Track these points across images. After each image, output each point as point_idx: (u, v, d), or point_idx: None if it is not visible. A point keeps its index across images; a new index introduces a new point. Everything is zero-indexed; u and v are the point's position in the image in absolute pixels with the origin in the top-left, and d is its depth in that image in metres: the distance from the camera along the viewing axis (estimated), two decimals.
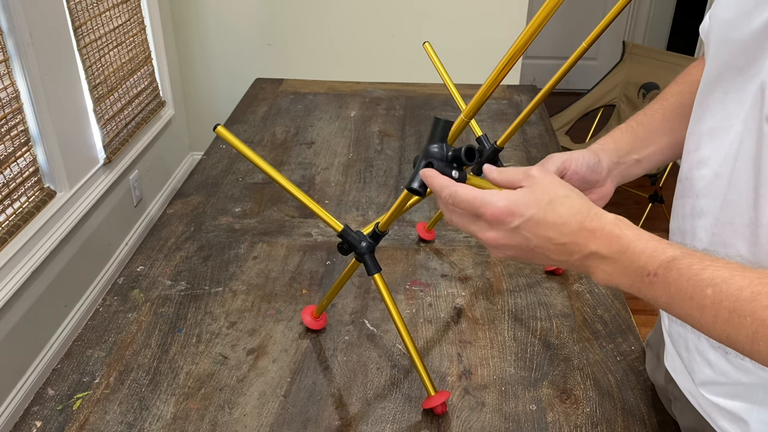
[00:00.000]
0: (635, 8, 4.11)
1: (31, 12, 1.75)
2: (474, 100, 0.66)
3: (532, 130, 1.70)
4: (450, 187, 0.61)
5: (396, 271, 1.13)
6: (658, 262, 0.53)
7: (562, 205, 0.58)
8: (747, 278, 0.49)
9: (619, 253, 0.55)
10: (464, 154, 0.64)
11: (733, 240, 0.60)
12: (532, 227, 0.58)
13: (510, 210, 0.58)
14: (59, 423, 0.84)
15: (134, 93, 2.45)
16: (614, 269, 0.56)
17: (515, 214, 0.58)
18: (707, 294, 0.50)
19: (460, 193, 0.60)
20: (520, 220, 0.58)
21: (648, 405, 0.87)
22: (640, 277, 0.55)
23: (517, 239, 0.59)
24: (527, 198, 0.58)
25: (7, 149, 1.71)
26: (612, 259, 0.56)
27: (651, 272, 0.53)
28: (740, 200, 0.59)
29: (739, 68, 0.60)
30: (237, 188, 1.41)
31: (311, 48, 2.88)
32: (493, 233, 0.60)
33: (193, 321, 1.02)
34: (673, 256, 0.53)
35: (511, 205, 0.58)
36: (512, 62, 0.63)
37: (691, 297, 0.51)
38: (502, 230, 0.59)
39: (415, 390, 0.90)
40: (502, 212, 0.58)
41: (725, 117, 0.61)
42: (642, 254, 0.54)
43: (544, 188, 0.59)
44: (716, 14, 0.65)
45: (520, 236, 0.59)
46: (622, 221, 0.57)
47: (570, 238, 0.57)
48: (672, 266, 0.52)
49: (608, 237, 0.56)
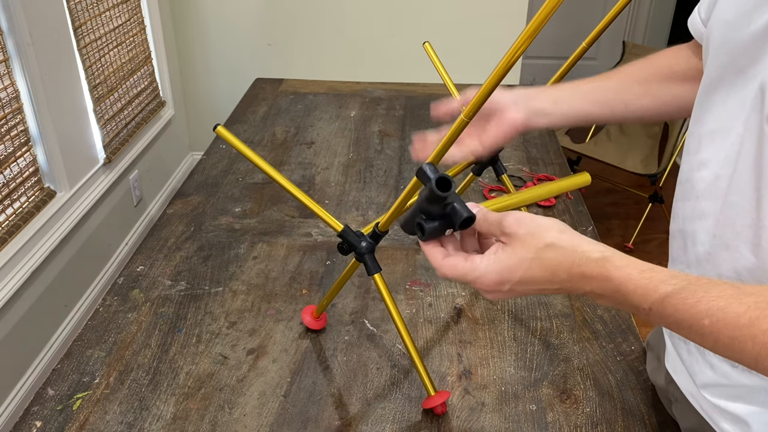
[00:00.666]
0: (635, 8, 4.11)
1: (31, 12, 1.75)
2: (474, 100, 0.66)
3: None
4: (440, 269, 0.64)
5: (396, 271, 1.13)
6: (651, 300, 0.53)
7: (545, 258, 0.58)
8: (744, 304, 0.49)
9: (612, 292, 0.56)
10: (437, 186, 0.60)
11: (736, 242, 0.60)
12: (523, 286, 0.60)
13: (497, 280, 0.60)
14: (59, 423, 0.84)
15: (134, 93, 2.45)
16: (612, 303, 0.57)
17: (503, 282, 0.60)
18: (705, 324, 0.50)
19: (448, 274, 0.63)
20: (510, 285, 0.60)
21: (648, 405, 0.87)
22: (636, 311, 0.56)
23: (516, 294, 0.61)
24: (510, 263, 0.59)
25: (7, 149, 1.71)
26: (607, 296, 0.57)
27: (645, 309, 0.54)
28: (742, 201, 0.59)
29: (739, 69, 0.59)
30: (237, 188, 1.41)
31: (311, 48, 2.88)
32: (490, 296, 0.63)
33: (193, 321, 1.02)
34: (665, 293, 0.52)
35: (497, 277, 0.60)
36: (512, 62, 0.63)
37: (689, 327, 0.52)
38: (498, 293, 0.61)
39: (415, 390, 0.90)
40: (491, 283, 0.60)
41: (726, 118, 0.61)
42: (634, 294, 0.54)
43: (523, 246, 0.59)
44: (716, 15, 0.65)
45: (516, 293, 0.61)
46: (609, 260, 0.56)
47: (563, 285, 0.59)
48: (666, 303, 0.52)
49: (598, 279, 0.56)
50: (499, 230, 0.61)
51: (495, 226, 0.61)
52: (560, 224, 0.60)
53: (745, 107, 0.59)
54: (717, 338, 0.50)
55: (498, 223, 0.61)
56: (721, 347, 0.50)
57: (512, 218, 0.60)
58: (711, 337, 0.50)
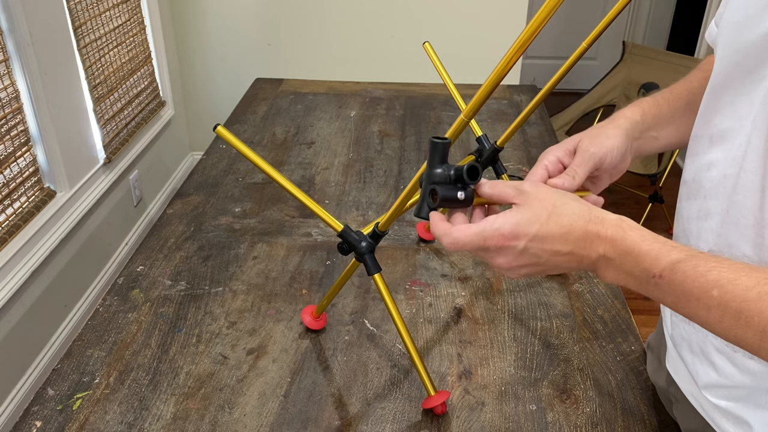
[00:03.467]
0: (635, 8, 4.11)
1: (31, 12, 1.75)
2: (474, 100, 0.66)
3: (532, 130, 1.70)
4: (450, 234, 0.61)
5: (396, 271, 1.13)
6: (662, 264, 0.53)
7: (562, 215, 0.58)
8: (753, 278, 0.49)
9: (624, 254, 0.55)
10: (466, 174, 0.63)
11: (738, 241, 0.60)
12: (538, 244, 0.58)
13: (513, 233, 0.58)
14: (59, 423, 0.84)
15: (134, 93, 2.45)
16: (621, 270, 0.56)
17: (519, 235, 0.58)
18: (713, 295, 0.50)
19: (460, 238, 0.60)
20: (525, 240, 0.58)
21: (648, 405, 0.87)
22: (645, 279, 0.55)
23: (526, 259, 0.59)
24: (526, 216, 0.58)
25: (7, 149, 1.71)
26: (618, 261, 0.56)
27: (656, 274, 0.53)
28: (746, 201, 0.59)
29: (748, 70, 0.60)
30: (237, 188, 1.41)
31: (311, 48, 2.88)
32: (502, 259, 0.60)
33: (193, 321, 1.02)
34: (677, 258, 0.53)
35: (513, 228, 0.58)
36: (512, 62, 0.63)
37: (697, 298, 0.51)
38: (510, 254, 0.59)
39: (415, 390, 0.90)
40: (506, 238, 0.58)
41: (735, 119, 0.61)
42: (646, 256, 0.54)
43: (540, 202, 0.59)
44: (725, 17, 0.65)
45: (528, 255, 0.59)
46: (625, 221, 0.57)
47: (576, 245, 0.58)
48: (677, 268, 0.52)
49: (612, 239, 0.56)
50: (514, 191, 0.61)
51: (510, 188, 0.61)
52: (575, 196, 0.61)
53: (754, 108, 0.59)
54: (724, 311, 0.49)
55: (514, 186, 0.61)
56: (726, 322, 0.50)
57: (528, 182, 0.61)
58: (717, 310, 0.50)
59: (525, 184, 0.61)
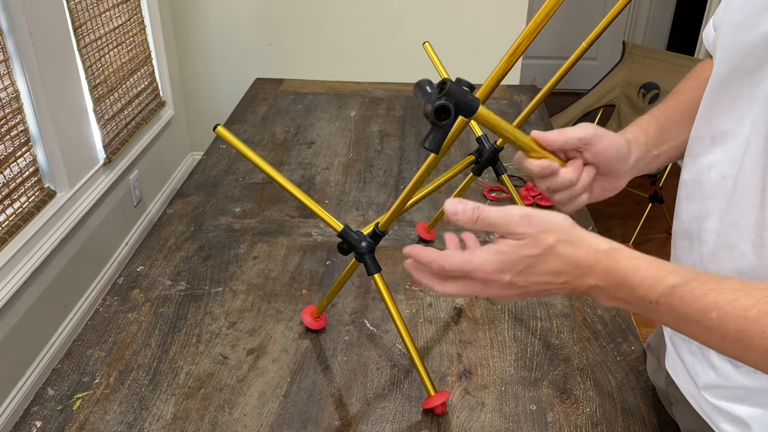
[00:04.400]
0: (635, 8, 4.11)
1: (31, 12, 1.75)
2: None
3: (532, 130, 1.70)
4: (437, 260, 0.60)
5: (396, 271, 1.13)
6: (658, 291, 0.52)
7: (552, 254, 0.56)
8: (752, 297, 0.48)
9: (618, 285, 0.55)
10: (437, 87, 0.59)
11: (738, 242, 0.60)
12: (524, 278, 0.57)
13: (499, 268, 0.57)
14: (59, 423, 0.84)
15: (134, 93, 2.45)
16: (615, 299, 0.56)
17: (504, 270, 0.57)
18: (712, 318, 0.50)
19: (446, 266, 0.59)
20: (510, 275, 0.57)
21: (648, 405, 0.87)
22: (642, 305, 0.54)
23: (515, 290, 0.58)
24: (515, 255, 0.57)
25: (7, 149, 1.71)
26: (612, 290, 0.55)
27: (653, 301, 0.53)
28: (746, 202, 0.59)
29: (748, 71, 0.60)
30: (237, 188, 1.41)
31: (311, 48, 2.88)
32: (489, 290, 0.59)
33: (193, 321, 1.02)
34: (674, 284, 0.52)
35: (500, 264, 0.57)
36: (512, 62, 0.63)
37: (696, 321, 0.51)
38: (498, 286, 0.58)
39: (415, 390, 0.90)
40: (492, 271, 0.57)
41: (736, 120, 0.61)
42: (641, 286, 0.53)
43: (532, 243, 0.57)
44: (725, 18, 0.65)
45: (516, 287, 0.58)
46: (617, 251, 0.56)
47: (566, 278, 0.57)
48: (674, 294, 0.52)
49: (605, 271, 0.55)
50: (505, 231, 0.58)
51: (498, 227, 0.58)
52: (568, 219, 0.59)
53: (753, 108, 0.59)
54: (724, 333, 0.49)
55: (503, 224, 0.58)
56: (728, 343, 0.50)
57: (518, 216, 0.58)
58: (718, 332, 0.50)
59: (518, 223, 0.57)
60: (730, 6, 0.65)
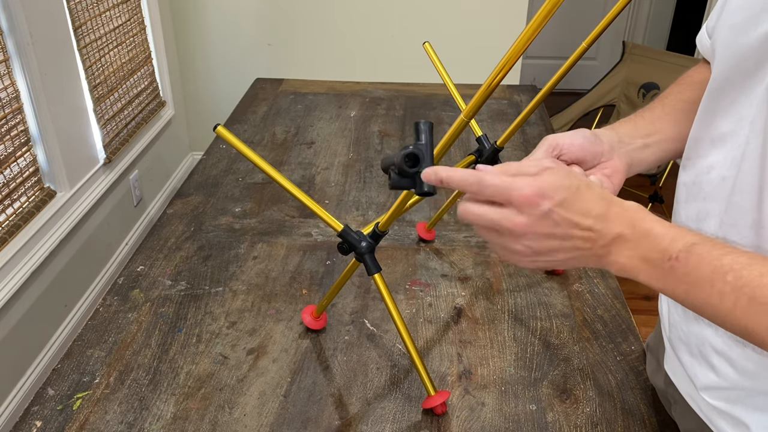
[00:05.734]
0: (635, 8, 4.11)
1: (31, 12, 1.75)
2: (474, 100, 0.66)
3: (532, 130, 1.70)
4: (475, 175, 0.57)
5: (396, 271, 1.13)
6: (679, 245, 0.53)
7: (588, 191, 0.57)
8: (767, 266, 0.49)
9: (643, 235, 0.55)
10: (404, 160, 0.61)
11: (737, 243, 0.60)
12: (561, 211, 0.55)
13: (541, 192, 0.55)
14: (59, 423, 0.84)
15: (134, 93, 2.45)
16: (636, 254, 0.55)
17: (546, 196, 0.55)
18: (728, 280, 0.50)
19: (487, 180, 0.57)
20: (550, 203, 0.55)
21: (648, 405, 0.88)
22: (660, 263, 0.54)
23: (546, 225, 0.56)
24: (555, 181, 0.56)
25: (7, 149, 1.71)
26: (635, 242, 0.55)
27: (672, 256, 0.53)
28: (744, 203, 0.59)
29: (747, 72, 0.60)
30: (237, 188, 1.41)
31: (311, 48, 2.88)
32: (521, 219, 0.56)
33: (193, 321, 1.02)
34: (693, 241, 0.53)
35: (543, 187, 0.55)
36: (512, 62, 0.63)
37: (711, 283, 0.51)
38: (532, 215, 0.55)
39: (415, 390, 0.90)
40: (534, 194, 0.55)
41: (736, 121, 0.61)
42: (665, 237, 0.54)
43: (567, 174, 0.57)
44: (722, 20, 0.65)
45: (549, 221, 0.56)
46: (642, 208, 0.58)
47: (596, 222, 0.56)
48: (693, 251, 0.52)
49: (632, 219, 0.56)
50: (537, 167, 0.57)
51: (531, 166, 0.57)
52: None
53: (752, 109, 0.59)
54: (737, 298, 0.50)
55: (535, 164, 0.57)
56: (739, 310, 0.50)
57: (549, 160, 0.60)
58: (731, 297, 0.50)
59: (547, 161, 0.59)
60: (726, 8, 0.65)
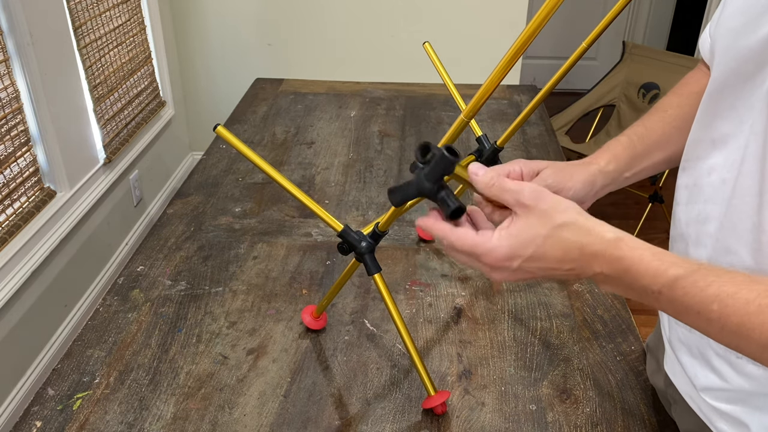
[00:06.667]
0: (635, 8, 4.11)
1: (31, 12, 1.75)
2: (474, 100, 0.66)
3: (532, 130, 1.70)
4: (448, 237, 0.62)
5: (396, 271, 1.13)
6: (661, 281, 0.53)
7: (560, 238, 0.57)
8: (754, 291, 0.49)
9: (622, 273, 0.55)
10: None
11: (737, 246, 0.60)
12: (534, 263, 0.58)
13: (508, 255, 0.58)
14: (59, 423, 0.84)
15: (134, 93, 2.45)
16: (618, 287, 0.57)
17: (514, 257, 0.58)
18: (713, 309, 0.50)
19: (457, 244, 0.61)
20: (519, 261, 0.58)
21: (648, 405, 0.87)
22: (645, 294, 0.55)
23: (522, 274, 0.60)
24: (524, 236, 0.58)
25: (7, 149, 1.71)
26: (615, 278, 0.56)
27: (655, 291, 0.53)
28: (743, 205, 0.59)
29: (747, 75, 0.60)
30: (237, 188, 1.41)
31: (311, 48, 2.88)
32: (496, 274, 0.61)
33: (193, 321, 1.02)
34: (676, 275, 0.52)
35: (509, 251, 0.58)
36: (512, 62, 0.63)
37: (697, 312, 0.51)
38: (506, 271, 0.60)
39: (415, 390, 0.90)
40: (501, 258, 0.59)
41: (736, 123, 0.61)
42: (645, 276, 0.54)
43: (540, 221, 0.58)
44: (722, 23, 0.65)
45: (523, 272, 0.59)
46: (623, 240, 0.56)
47: (572, 265, 0.58)
48: (676, 285, 0.52)
49: (610, 259, 0.56)
50: (514, 200, 0.59)
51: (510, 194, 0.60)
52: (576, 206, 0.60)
53: (752, 112, 0.59)
54: (724, 324, 0.50)
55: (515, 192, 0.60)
56: (727, 334, 0.50)
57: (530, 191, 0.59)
58: (718, 324, 0.50)
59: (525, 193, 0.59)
60: (726, 11, 0.65)
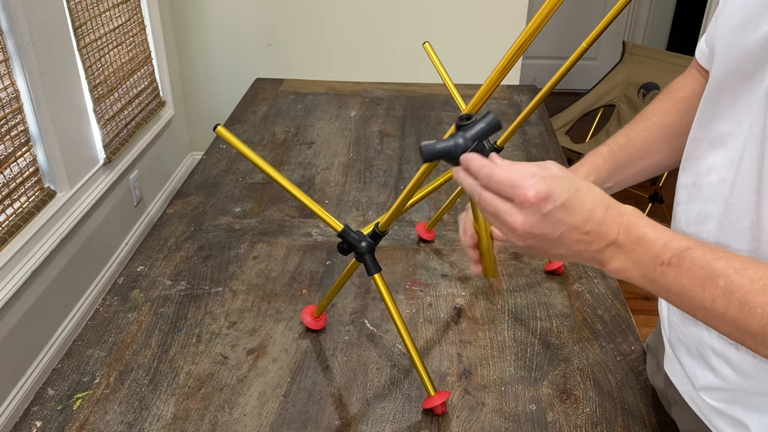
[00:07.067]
0: (635, 8, 4.11)
1: (31, 12, 1.75)
2: (474, 100, 0.66)
3: (532, 130, 1.70)
4: (488, 166, 0.58)
5: (396, 271, 1.13)
6: (672, 250, 0.54)
7: (588, 193, 0.57)
8: (760, 271, 0.50)
9: (636, 241, 0.56)
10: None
11: (736, 244, 0.60)
12: (562, 214, 0.56)
13: (545, 194, 0.55)
14: (59, 423, 0.84)
15: (134, 93, 2.45)
16: (630, 258, 0.56)
17: (549, 198, 0.55)
18: (719, 284, 0.50)
19: (497, 173, 0.57)
20: (552, 206, 0.56)
21: (648, 405, 0.88)
22: (653, 267, 0.55)
23: (545, 226, 0.57)
24: (562, 182, 0.56)
25: (7, 149, 1.71)
26: (628, 247, 0.56)
27: (665, 261, 0.54)
28: (742, 204, 0.59)
29: (746, 74, 0.60)
30: (237, 188, 1.41)
31: (311, 48, 2.88)
32: (521, 217, 0.56)
33: (193, 321, 1.02)
34: (686, 245, 0.53)
35: (547, 190, 0.55)
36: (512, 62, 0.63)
37: (703, 287, 0.52)
38: (533, 216, 0.56)
39: (415, 390, 0.90)
40: (536, 196, 0.55)
41: (735, 123, 0.61)
42: (657, 242, 0.55)
43: (569, 177, 0.58)
44: (721, 22, 0.65)
45: (548, 223, 0.56)
46: (639, 212, 0.58)
47: (594, 226, 0.56)
48: (685, 255, 0.53)
49: (627, 224, 0.56)
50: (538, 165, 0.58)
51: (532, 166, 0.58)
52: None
53: (751, 111, 0.59)
54: (729, 301, 0.50)
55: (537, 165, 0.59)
56: (730, 313, 0.50)
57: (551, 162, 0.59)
58: (723, 300, 0.50)
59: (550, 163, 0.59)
60: (725, 10, 0.65)
